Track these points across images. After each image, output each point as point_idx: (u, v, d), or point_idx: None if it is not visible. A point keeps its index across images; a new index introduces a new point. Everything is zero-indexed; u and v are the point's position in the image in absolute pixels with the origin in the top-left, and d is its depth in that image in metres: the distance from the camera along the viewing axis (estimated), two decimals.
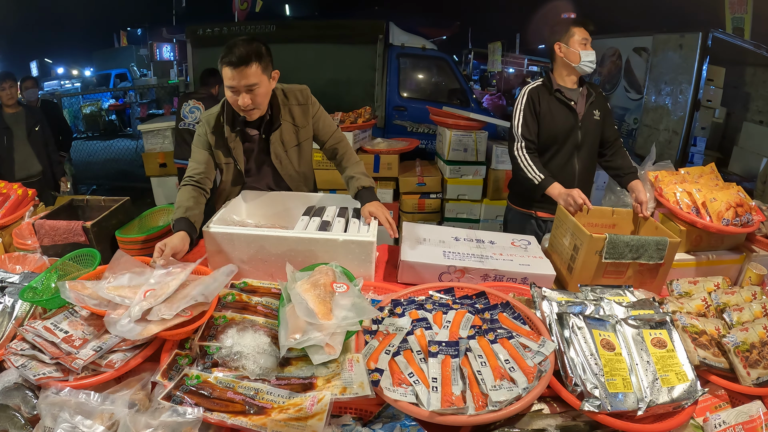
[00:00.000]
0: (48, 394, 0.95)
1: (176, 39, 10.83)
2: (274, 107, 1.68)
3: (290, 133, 1.73)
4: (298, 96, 1.72)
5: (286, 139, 1.73)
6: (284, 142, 1.73)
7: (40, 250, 1.59)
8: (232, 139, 1.67)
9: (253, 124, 1.70)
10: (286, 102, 1.70)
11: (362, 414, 1.01)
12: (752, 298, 1.31)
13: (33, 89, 4.27)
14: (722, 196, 1.61)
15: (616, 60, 5.25)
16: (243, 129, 1.69)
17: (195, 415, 0.86)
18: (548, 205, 1.99)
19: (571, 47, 1.95)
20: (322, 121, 1.78)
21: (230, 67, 1.46)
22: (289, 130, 1.72)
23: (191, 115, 3.66)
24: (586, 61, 1.94)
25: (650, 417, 0.99)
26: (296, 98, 1.71)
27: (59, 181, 3.57)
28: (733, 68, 4.49)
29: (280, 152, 1.74)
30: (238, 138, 1.68)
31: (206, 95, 3.70)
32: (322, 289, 1.10)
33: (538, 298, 1.22)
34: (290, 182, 1.83)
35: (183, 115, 3.66)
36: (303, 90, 1.73)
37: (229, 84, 1.50)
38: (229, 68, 1.46)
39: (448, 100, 5.13)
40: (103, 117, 9.85)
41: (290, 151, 1.76)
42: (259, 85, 1.50)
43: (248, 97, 1.51)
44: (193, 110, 3.66)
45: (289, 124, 1.71)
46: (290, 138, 1.74)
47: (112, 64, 13.40)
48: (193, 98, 3.68)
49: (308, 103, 1.74)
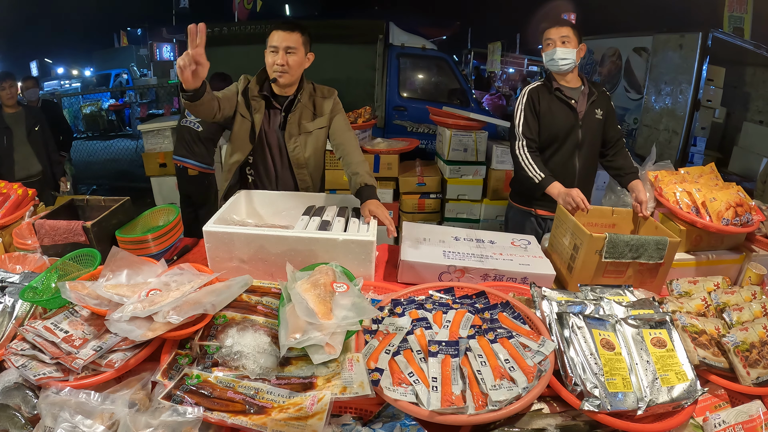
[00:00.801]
0: (48, 394, 0.95)
1: (176, 39, 10.83)
2: (301, 92, 1.83)
3: (308, 117, 1.86)
4: (324, 91, 1.90)
5: (302, 121, 1.85)
6: (300, 125, 1.85)
7: (40, 250, 1.59)
8: (256, 100, 1.81)
9: (278, 100, 1.83)
10: (313, 93, 1.88)
11: (362, 413, 1.01)
12: (752, 297, 1.31)
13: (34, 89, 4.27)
14: (722, 195, 1.62)
15: (616, 60, 5.25)
16: (269, 98, 1.82)
17: (195, 415, 0.86)
18: (548, 203, 2.00)
19: (544, 51, 2.03)
20: (340, 117, 1.90)
21: (279, 30, 1.70)
22: (307, 115, 1.86)
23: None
24: (548, 60, 2.00)
25: (650, 416, 0.99)
26: (323, 93, 1.89)
27: (59, 181, 3.57)
28: (733, 68, 4.50)
29: (293, 132, 1.85)
30: (261, 101, 1.82)
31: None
32: (322, 289, 1.10)
33: (538, 298, 1.22)
34: (296, 166, 1.90)
35: (186, 113, 3.60)
36: (331, 89, 1.92)
37: (273, 44, 1.70)
38: (278, 31, 1.70)
39: (448, 100, 5.14)
40: (103, 117, 9.85)
41: (303, 135, 1.86)
42: (296, 50, 1.72)
43: (284, 58, 1.70)
44: None
45: (308, 109, 1.86)
46: (306, 121, 1.86)
47: (112, 64, 13.41)
48: None
49: (332, 99, 1.89)
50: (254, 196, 1.84)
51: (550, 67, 2.02)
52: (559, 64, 1.97)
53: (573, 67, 2.00)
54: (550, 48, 1.99)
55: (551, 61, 1.99)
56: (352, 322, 1.02)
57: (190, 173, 3.58)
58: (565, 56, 1.96)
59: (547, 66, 2.03)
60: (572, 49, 1.96)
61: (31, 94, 4.21)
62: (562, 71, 2.00)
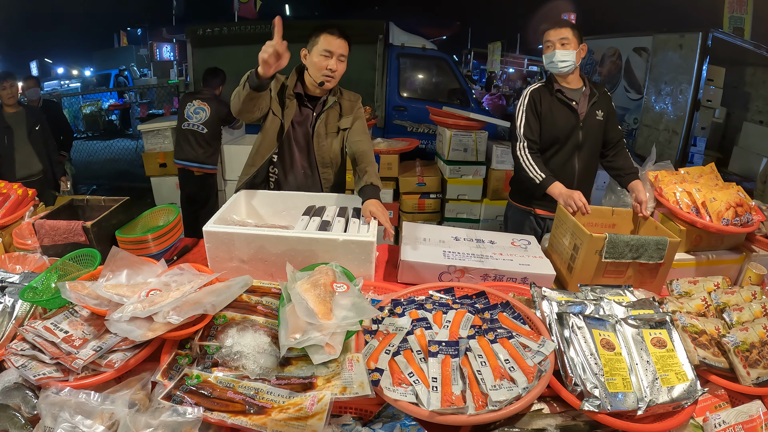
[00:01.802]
0: (48, 394, 0.95)
1: (176, 39, 10.84)
2: (332, 93, 1.88)
3: (334, 120, 1.92)
4: (350, 96, 1.96)
5: (330, 122, 1.91)
6: (327, 125, 1.91)
7: (40, 250, 1.59)
8: (290, 98, 1.85)
9: (311, 101, 1.88)
10: (341, 96, 1.94)
11: (362, 414, 1.01)
12: (752, 297, 1.31)
13: (35, 88, 4.27)
14: (722, 196, 1.62)
15: (616, 60, 5.25)
16: (303, 97, 1.86)
17: (195, 415, 0.86)
18: (547, 203, 2.01)
19: (544, 53, 2.03)
20: (360, 122, 1.94)
21: (334, 35, 1.73)
22: (335, 116, 1.92)
23: (196, 116, 3.61)
24: (549, 63, 2.01)
25: (650, 417, 0.99)
26: (349, 96, 1.95)
27: (59, 181, 3.57)
28: (733, 68, 4.50)
29: (321, 132, 1.90)
30: (295, 101, 1.86)
31: (211, 96, 3.66)
32: (322, 289, 1.10)
33: (538, 298, 1.22)
34: (321, 165, 1.95)
35: (187, 116, 3.60)
36: (357, 95, 1.99)
37: (327, 47, 1.72)
38: (333, 36, 1.73)
39: (448, 100, 5.14)
40: (103, 117, 9.85)
41: (330, 135, 1.92)
42: (345, 58, 1.78)
43: (336, 64, 1.75)
44: (198, 111, 3.61)
45: (336, 111, 1.92)
46: (333, 124, 1.92)
47: (112, 64, 13.40)
48: (197, 99, 3.64)
49: (357, 104, 1.96)
50: (254, 196, 1.84)
51: (550, 69, 2.02)
52: (558, 66, 1.97)
53: (573, 69, 1.99)
54: (549, 50, 1.99)
55: (551, 63, 1.99)
56: (352, 323, 1.02)
57: (196, 174, 3.64)
58: (564, 58, 1.95)
59: (548, 68, 2.03)
60: (572, 51, 1.95)
61: (32, 93, 4.21)
62: (562, 73, 2.00)
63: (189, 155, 3.62)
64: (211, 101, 3.63)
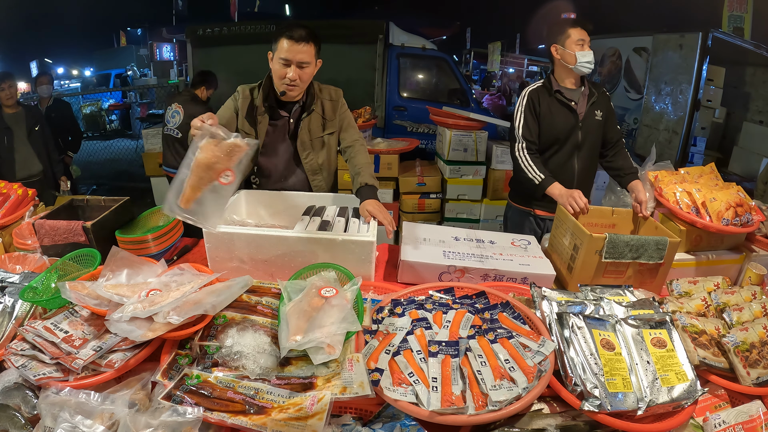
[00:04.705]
0: (48, 394, 0.95)
1: (176, 39, 10.84)
2: (309, 96, 1.77)
3: (318, 124, 1.82)
4: (331, 93, 1.84)
5: (313, 128, 1.81)
6: (311, 131, 1.82)
7: (40, 250, 1.59)
8: (260, 113, 1.74)
9: (284, 107, 1.77)
10: (320, 95, 1.81)
11: (362, 414, 1.01)
12: (752, 297, 1.31)
13: (47, 86, 4.25)
14: (722, 196, 1.62)
15: (616, 60, 5.25)
16: (274, 107, 1.76)
17: (195, 415, 0.86)
18: (547, 203, 2.01)
19: (567, 49, 1.95)
20: (347, 121, 1.87)
21: (291, 40, 1.57)
22: (317, 120, 1.81)
23: (173, 120, 3.45)
24: (583, 62, 1.93)
25: (650, 417, 0.99)
26: (329, 94, 1.83)
27: (59, 181, 3.57)
28: (733, 68, 4.50)
29: (305, 140, 1.82)
30: (266, 113, 1.75)
31: (189, 97, 3.50)
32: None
33: (538, 298, 1.22)
34: (311, 173, 1.88)
35: (166, 120, 3.49)
36: (337, 90, 1.86)
37: (284, 56, 1.59)
38: (289, 42, 1.58)
39: (448, 100, 5.14)
40: (103, 117, 9.84)
41: (315, 141, 1.84)
42: (309, 65, 1.63)
43: (297, 73, 1.62)
44: (174, 114, 3.45)
45: (318, 115, 1.81)
46: (317, 128, 1.82)
47: (112, 64, 13.40)
48: (175, 101, 3.50)
49: (339, 101, 1.84)
50: (254, 196, 1.84)
51: (580, 69, 1.94)
52: (590, 67, 1.93)
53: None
54: (583, 48, 1.91)
55: (586, 63, 1.92)
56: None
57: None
58: (593, 59, 1.93)
59: (578, 66, 1.94)
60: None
61: (44, 90, 4.19)
62: (586, 74, 1.98)
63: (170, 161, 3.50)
64: (186, 103, 3.45)
